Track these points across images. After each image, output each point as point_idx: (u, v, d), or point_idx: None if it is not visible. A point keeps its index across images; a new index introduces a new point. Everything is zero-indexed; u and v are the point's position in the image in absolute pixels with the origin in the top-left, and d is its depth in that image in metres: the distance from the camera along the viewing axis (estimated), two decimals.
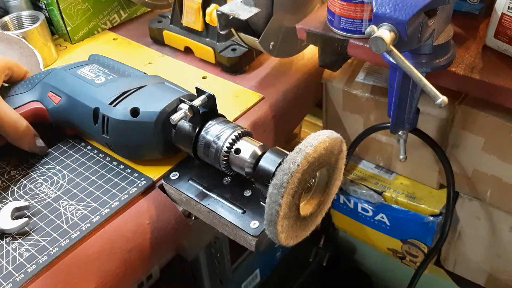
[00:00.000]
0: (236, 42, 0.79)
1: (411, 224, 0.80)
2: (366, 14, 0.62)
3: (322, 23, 0.68)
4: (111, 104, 0.58)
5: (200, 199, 0.55)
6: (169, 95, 0.58)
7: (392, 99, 0.60)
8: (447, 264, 0.87)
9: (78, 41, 0.89)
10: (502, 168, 0.67)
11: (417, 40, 0.50)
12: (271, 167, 0.49)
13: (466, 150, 0.70)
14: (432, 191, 0.80)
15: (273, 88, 0.75)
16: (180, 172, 0.59)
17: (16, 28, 0.82)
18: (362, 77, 0.78)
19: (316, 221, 0.51)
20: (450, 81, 0.59)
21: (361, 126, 0.79)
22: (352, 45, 0.65)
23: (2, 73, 0.61)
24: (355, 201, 0.85)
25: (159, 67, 0.81)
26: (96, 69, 0.65)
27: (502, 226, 0.74)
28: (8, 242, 0.53)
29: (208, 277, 1.12)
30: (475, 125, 0.66)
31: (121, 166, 0.61)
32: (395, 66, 0.56)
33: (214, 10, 0.67)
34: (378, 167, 0.85)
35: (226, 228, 0.53)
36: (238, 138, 0.53)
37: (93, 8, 0.88)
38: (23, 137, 0.60)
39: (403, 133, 0.67)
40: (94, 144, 0.65)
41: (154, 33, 0.86)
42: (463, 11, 0.66)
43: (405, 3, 0.47)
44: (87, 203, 0.57)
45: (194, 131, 0.55)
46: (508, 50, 0.58)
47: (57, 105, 0.63)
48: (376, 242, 0.90)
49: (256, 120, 0.70)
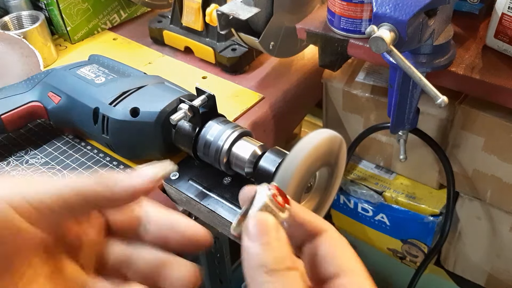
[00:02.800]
0: (236, 42, 0.79)
1: (411, 224, 0.80)
2: (366, 14, 0.62)
3: (322, 23, 0.68)
4: (111, 104, 0.58)
5: (200, 199, 0.55)
6: (169, 95, 0.58)
7: (392, 99, 0.60)
8: (447, 264, 0.87)
9: (78, 41, 0.89)
10: (502, 168, 0.67)
11: (417, 40, 0.50)
12: (271, 167, 0.49)
13: (466, 150, 0.70)
14: (432, 191, 0.80)
15: (273, 88, 0.75)
16: (180, 172, 0.59)
17: (16, 28, 0.82)
18: (362, 77, 0.78)
19: None
20: (450, 81, 0.59)
21: (361, 126, 0.79)
22: (352, 45, 0.65)
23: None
24: (355, 201, 0.85)
25: (159, 67, 0.81)
26: (96, 69, 0.65)
27: (502, 226, 0.74)
28: None
29: (208, 277, 1.12)
30: (475, 125, 0.66)
31: (121, 166, 0.61)
32: (395, 66, 0.55)
33: (214, 10, 0.67)
34: (378, 167, 0.85)
35: (226, 228, 0.53)
36: (238, 138, 0.53)
37: (93, 8, 0.88)
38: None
39: (403, 133, 0.67)
40: (94, 144, 0.65)
41: (154, 33, 0.86)
42: (463, 11, 0.66)
43: (405, 3, 0.47)
44: None
45: (194, 131, 0.55)
46: (508, 50, 0.58)
47: (57, 105, 0.63)
48: (376, 242, 0.90)
49: (256, 120, 0.70)
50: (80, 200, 0.30)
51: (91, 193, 0.30)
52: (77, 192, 0.30)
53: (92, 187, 0.30)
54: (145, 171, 0.32)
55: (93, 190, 0.30)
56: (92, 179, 0.30)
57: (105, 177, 0.31)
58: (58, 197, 0.29)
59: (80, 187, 0.30)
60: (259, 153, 0.51)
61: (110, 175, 0.31)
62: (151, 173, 0.32)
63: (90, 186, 0.30)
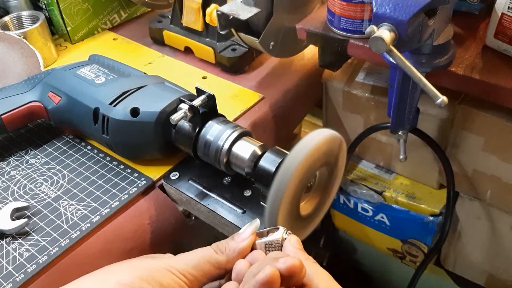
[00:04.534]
0: (236, 42, 0.79)
1: (411, 224, 0.80)
2: (366, 14, 0.62)
3: (322, 23, 0.68)
4: (111, 104, 0.58)
5: (200, 199, 0.55)
6: (169, 95, 0.58)
7: (392, 99, 0.60)
8: (447, 264, 0.87)
9: (78, 41, 0.89)
10: (502, 168, 0.67)
11: (417, 40, 0.50)
12: (271, 167, 0.49)
13: (466, 150, 0.70)
14: (432, 191, 0.80)
15: (273, 88, 0.75)
16: (180, 172, 0.59)
17: (16, 28, 0.82)
18: (362, 77, 0.78)
19: (316, 221, 0.51)
20: (450, 81, 0.59)
21: (361, 126, 0.79)
22: (352, 45, 0.65)
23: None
24: (355, 201, 0.85)
25: (159, 67, 0.81)
26: (96, 69, 0.65)
27: (502, 226, 0.74)
28: (8, 242, 0.53)
29: None
30: (475, 125, 0.66)
31: (121, 166, 0.61)
32: (395, 66, 0.56)
33: (214, 10, 0.67)
34: (378, 167, 0.85)
35: (226, 228, 0.53)
36: (238, 138, 0.53)
37: (93, 8, 0.88)
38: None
39: (403, 133, 0.67)
40: (94, 144, 0.65)
41: (154, 33, 0.86)
42: (463, 11, 0.66)
43: (405, 3, 0.47)
44: (87, 203, 0.57)
45: (194, 131, 0.55)
46: (508, 50, 0.58)
47: (57, 105, 0.63)
48: (376, 242, 0.90)
49: (256, 120, 0.70)
50: (209, 266, 0.39)
51: (214, 259, 0.40)
52: (207, 260, 0.39)
53: (213, 255, 0.40)
54: (244, 234, 0.40)
55: (214, 257, 0.40)
56: (210, 249, 0.40)
57: (219, 244, 0.40)
58: (197, 267, 0.39)
59: (207, 256, 0.40)
60: (259, 153, 0.52)
61: (222, 242, 0.41)
62: (248, 233, 0.40)
63: (212, 254, 0.40)
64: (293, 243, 0.39)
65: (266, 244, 0.40)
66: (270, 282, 0.33)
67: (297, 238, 0.40)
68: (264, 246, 0.40)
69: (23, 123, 0.65)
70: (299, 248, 0.39)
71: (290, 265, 0.34)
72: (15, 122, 0.63)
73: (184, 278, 0.38)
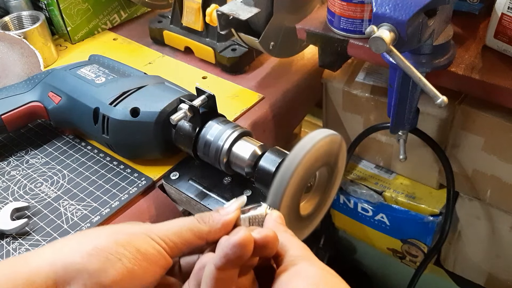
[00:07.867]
0: (236, 42, 0.79)
1: (411, 224, 0.80)
2: (366, 14, 0.62)
3: (322, 23, 0.68)
4: (111, 104, 0.58)
5: (200, 199, 0.55)
6: (169, 95, 0.58)
7: (392, 99, 0.60)
8: (447, 264, 0.87)
9: (78, 41, 0.89)
10: (502, 168, 0.67)
11: (417, 40, 0.50)
12: (271, 167, 0.49)
13: (466, 150, 0.70)
14: (432, 191, 0.80)
15: (273, 88, 0.75)
16: (180, 172, 0.59)
17: (16, 28, 0.82)
18: (362, 77, 0.78)
19: (316, 221, 0.51)
20: (450, 81, 0.59)
21: (361, 126, 0.79)
22: (352, 45, 0.65)
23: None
24: (355, 201, 0.85)
25: (159, 67, 0.81)
26: (96, 69, 0.65)
27: (502, 226, 0.74)
28: (8, 242, 0.53)
29: None
30: (475, 125, 0.66)
31: (121, 166, 0.61)
32: (395, 66, 0.56)
33: (214, 10, 0.67)
34: (378, 167, 0.85)
35: None
36: (238, 138, 0.53)
37: (93, 8, 0.88)
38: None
39: (403, 133, 0.67)
40: (94, 144, 0.65)
41: (154, 33, 0.86)
42: (463, 11, 0.66)
43: (405, 3, 0.47)
44: (87, 203, 0.57)
45: (194, 131, 0.55)
46: (508, 50, 0.58)
47: (57, 105, 0.63)
48: (376, 242, 0.90)
49: (256, 120, 0.70)
50: (190, 234, 0.38)
51: (196, 228, 0.38)
52: (189, 228, 0.38)
53: (195, 223, 0.38)
54: (229, 208, 0.39)
55: (197, 226, 0.38)
56: (193, 218, 0.39)
57: (202, 215, 0.39)
58: (178, 233, 0.37)
59: (189, 224, 0.38)
60: (259, 153, 0.52)
61: (206, 214, 0.39)
62: (233, 208, 0.39)
63: (194, 223, 0.38)
64: (275, 218, 0.39)
65: (250, 219, 0.40)
66: (242, 244, 0.32)
67: (280, 213, 0.40)
68: (248, 221, 0.40)
69: (23, 123, 0.65)
70: (280, 222, 0.39)
71: (264, 235, 0.34)
72: (15, 122, 0.63)
73: (164, 244, 0.37)
